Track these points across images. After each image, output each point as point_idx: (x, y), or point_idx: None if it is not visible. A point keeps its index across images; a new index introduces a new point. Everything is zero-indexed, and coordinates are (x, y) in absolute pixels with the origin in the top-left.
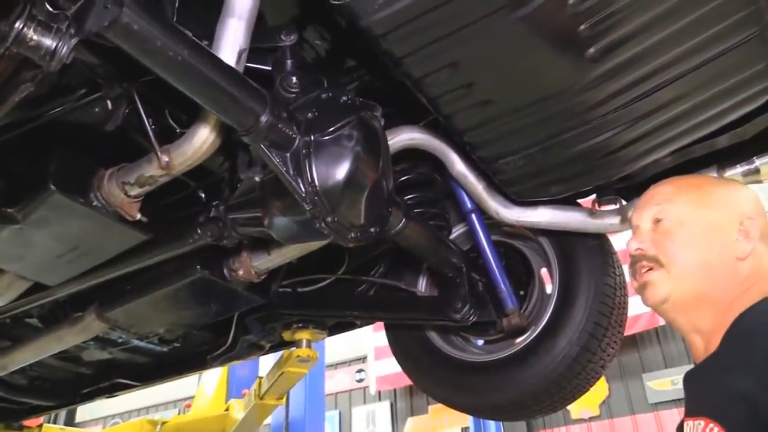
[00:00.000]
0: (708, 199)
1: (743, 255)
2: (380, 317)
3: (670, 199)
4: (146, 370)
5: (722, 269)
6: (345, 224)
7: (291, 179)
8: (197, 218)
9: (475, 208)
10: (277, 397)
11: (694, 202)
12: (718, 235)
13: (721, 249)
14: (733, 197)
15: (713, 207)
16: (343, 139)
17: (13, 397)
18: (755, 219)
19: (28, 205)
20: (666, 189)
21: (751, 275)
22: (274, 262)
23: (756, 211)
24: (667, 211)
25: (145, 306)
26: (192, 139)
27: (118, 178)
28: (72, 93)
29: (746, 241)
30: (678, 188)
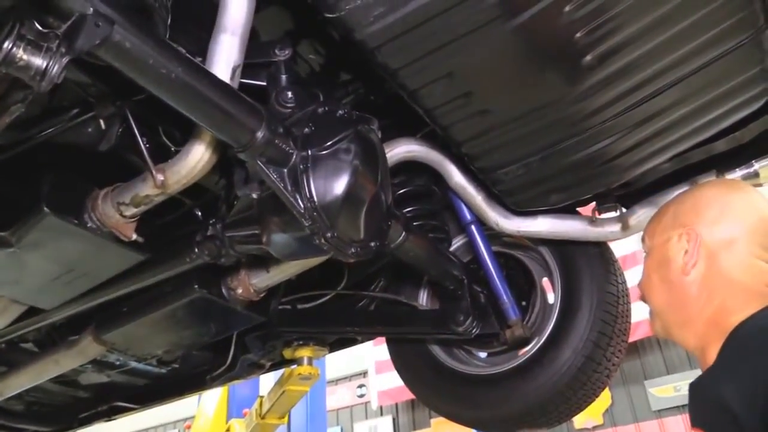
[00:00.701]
0: (659, 225)
1: (686, 270)
2: (381, 332)
3: (645, 232)
4: (145, 392)
5: (681, 292)
6: (345, 240)
7: (289, 195)
8: (194, 237)
9: (474, 220)
10: (279, 416)
11: (651, 233)
12: (667, 259)
13: (673, 272)
14: (680, 210)
15: (662, 232)
16: (341, 153)
17: (9, 424)
18: (692, 224)
19: (22, 227)
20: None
21: (704, 287)
22: (273, 279)
23: (700, 214)
24: (643, 246)
25: (143, 327)
26: (187, 157)
27: (112, 199)
28: (64, 113)
29: (690, 253)
30: (651, 219)
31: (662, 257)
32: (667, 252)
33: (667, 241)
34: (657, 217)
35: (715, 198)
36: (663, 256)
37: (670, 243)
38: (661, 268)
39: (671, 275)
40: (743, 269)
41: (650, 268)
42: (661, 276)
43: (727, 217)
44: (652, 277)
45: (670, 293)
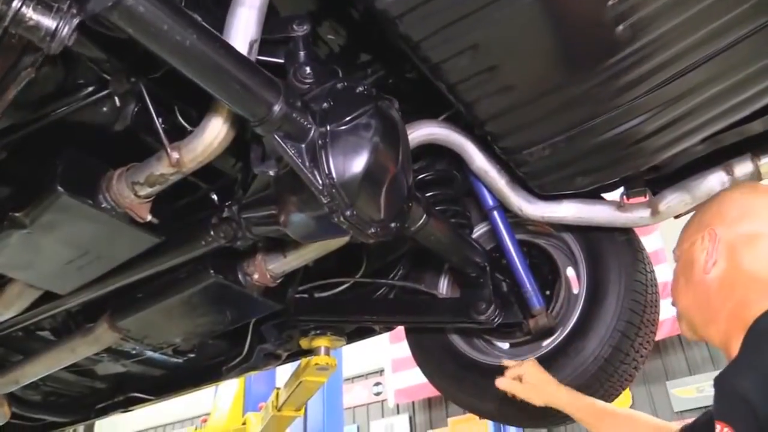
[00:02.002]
0: (686, 232)
1: (707, 269)
2: (400, 321)
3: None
4: (161, 383)
5: (703, 292)
6: (364, 218)
7: (307, 171)
8: (210, 220)
9: (497, 205)
10: (296, 409)
11: (680, 241)
12: (692, 260)
13: (696, 273)
14: (700, 214)
15: (689, 237)
16: (361, 129)
17: (27, 414)
18: (713, 224)
19: (36, 208)
20: None
21: (725, 283)
22: (290, 264)
23: (722, 216)
24: (675, 254)
25: (158, 314)
26: (203, 134)
27: (127, 178)
28: (78, 91)
29: (709, 252)
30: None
31: (688, 260)
32: (692, 254)
33: (692, 244)
34: (686, 225)
35: (737, 199)
36: (689, 259)
37: (695, 246)
38: (686, 270)
39: (694, 275)
40: (764, 265)
41: (678, 272)
42: (687, 278)
43: (748, 216)
44: (680, 280)
45: (695, 293)
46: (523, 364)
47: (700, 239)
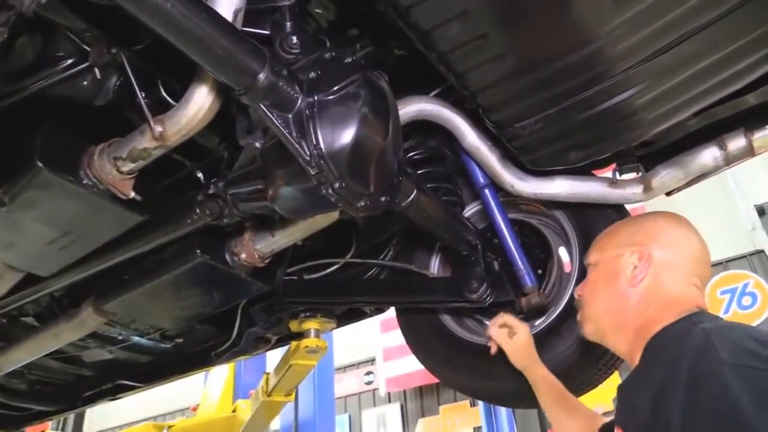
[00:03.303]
0: (611, 242)
1: (635, 282)
2: (391, 302)
3: (592, 247)
4: (149, 370)
5: (622, 301)
6: (353, 191)
7: (294, 142)
8: (195, 197)
9: (488, 183)
10: (286, 394)
11: (602, 248)
12: (617, 271)
13: (621, 283)
14: (636, 231)
15: (614, 248)
16: (349, 99)
17: (12, 403)
18: (648, 244)
19: (15, 185)
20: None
21: (644, 298)
22: (278, 243)
23: (654, 238)
24: (589, 259)
25: (144, 296)
26: (186, 106)
27: (109, 154)
28: (57, 63)
29: (639, 267)
30: (598, 237)
31: (611, 269)
32: (617, 265)
33: (619, 256)
34: (608, 236)
35: (669, 227)
36: (612, 268)
37: (622, 258)
38: (608, 278)
39: (618, 285)
40: (679, 289)
41: (596, 277)
42: (607, 285)
43: (675, 245)
44: (597, 285)
45: (612, 301)
46: (520, 325)
47: (628, 253)
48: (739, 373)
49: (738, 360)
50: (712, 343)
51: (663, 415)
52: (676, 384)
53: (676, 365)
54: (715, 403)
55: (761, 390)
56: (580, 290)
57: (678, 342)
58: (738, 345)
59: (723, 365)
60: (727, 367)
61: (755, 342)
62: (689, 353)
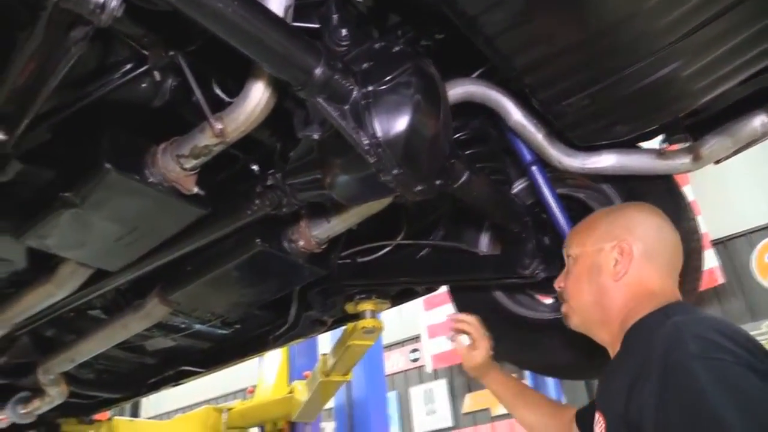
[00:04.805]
0: (591, 235)
1: (618, 276)
2: (444, 281)
3: (571, 240)
4: (210, 356)
5: (607, 295)
6: (410, 176)
7: (352, 132)
8: (254, 189)
9: (535, 160)
10: (343, 373)
11: (582, 241)
12: (599, 265)
13: (604, 277)
14: (613, 225)
15: (594, 242)
16: (402, 87)
17: (82, 391)
18: (629, 239)
19: (85, 186)
20: (573, 230)
21: (627, 292)
22: (334, 229)
23: (631, 231)
24: (569, 251)
25: (206, 286)
26: (244, 102)
27: (171, 152)
28: (118, 69)
29: (621, 262)
30: (576, 229)
31: (593, 263)
32: (599, 259)
33: (599, 250)
34: (587, 229)
35: (643, 219)
36: (594, 263)
37: (603, 252)
38: (591, 272)
39: (601, 279)
40: (657, 280)
41: (579, 271)
42: (590, 279)
43: (652, 236)
44: (581, 279)
45: (597, 295)
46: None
47: (609, 247)
48: (705, 365)
49: (705, 352)
50: (682, 336)
51: (636, 405)
52: (648, 375)
53: (648, 356)
54: (683, 394)
55: (726, 381)
56: (561, 282)
57: (651, 333)
58: (705, 338)
59: (691, 357)
60: (694, 360)
61: (721, 335)
62: (661, 345)
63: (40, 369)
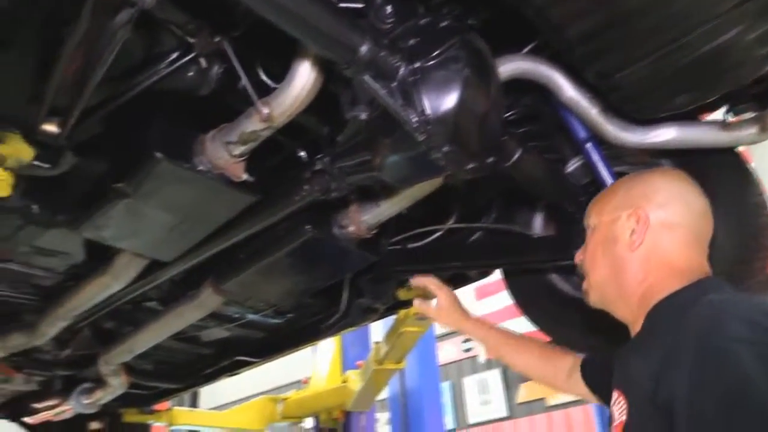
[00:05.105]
0: (608, 204)
1: (633, 247)
2: (497, 264)
3: (590, 209)
4: (263, 345)
5: (623, 268)
6: (462, 154)
7: (401, 110)
8: (303, 174)
9: (590, 136)
10: (396, 361)
11: (599, 211)
12: (615, 235)
13: (619, 248)
14: (631, 192)
15: (611, 211)
16: (450, 63)
17: (141, 382)
18: (647, 207)
19: (136, 177)
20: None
21: (644, 264)
22: (384, 213)
23: (650, 198)
24: (587, 221)
25: (258, 274)
26: (290, 86)
27: (220, 139)
28: (164, 58)
29: (637, 231)
30: (595, 198)
31: (609, 234)
32: (615, 229)
33: (615, 219)
34: (605, 198)
35: (665, 185)
36: (610, 233)
37: (619, 222)
38: (606, 243)
39: (617, 251)
40: (679, 253)
41: (595, 243)
42: (606, 251)
43: (673, 203)
44: (597, 251)
45: (613, 267)
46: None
47: (625, 216)
48: (753, 351)
49: (752, 337)
50: (722, 317)
51: (667, 389)
52: (682, 357)
53: (681, 337)
54: (723, 380)
55: None
56: (581, 255)
57: (683, 312)
58: (751, 320)
59: (735, 341)
60: (739, 344)
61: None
62: (696, 326)
63: (101, 360)
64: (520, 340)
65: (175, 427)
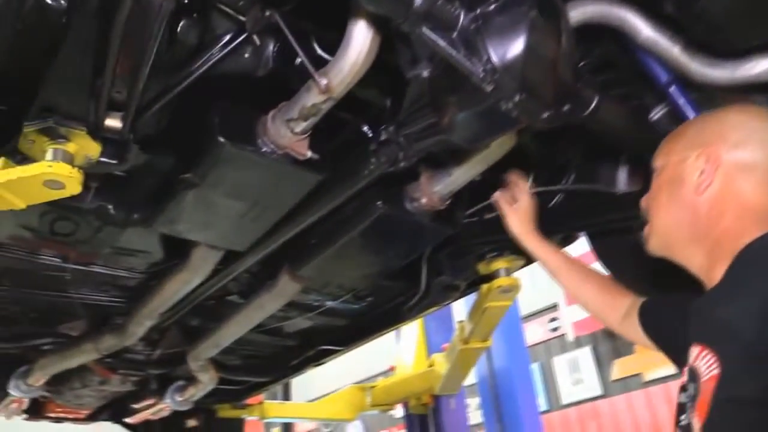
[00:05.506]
0: (677, 144)
1: (700, 189)
2: (580, 227)
3: (658, 150)
4: (347, 333)
5: (692, 212)
6: (534, 102)
7: (465, 61)
8: (368, 148)
9: (673, 78)
10: (483, 339)
11: (668, 151)
12: (682, 176)
13: (686, 190)
14: (703, 131)
15: (680, 151)
16: (514, 5)
17: (230, 377)
18: (718, 146)
19: (202, 164)
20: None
21: (716, 207)
22: (456, 182)
23: (724, 137)
24: (654, 163)
25: (333, 257)
26: (347, 51)
27: (281, 117)
28: (218, 41)
29: (706, 172)
30: (665, 139)
31: (675, 175)
32: (682, 171)
33: (683, 160)
34: (675, 137)
35: (741, 123)
36: (676, 175)
37: (687, 162)
38: (672, 186)
39: (683, 194)
40: (758, 195)
41: (660, 185)
42: (671, 194)
43: (750, 142)
44: (661, 194)
45: (679, 212)
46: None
47: (694, 156)
48: None
49: None
50: None
51: None
52: None
53: None
54: None
55: None
56: (645, 200)
57: None
58: None
59: None
60: None
61: None
62: None
63: (189, 357)
64: (583, 269)
65: (268, 419)
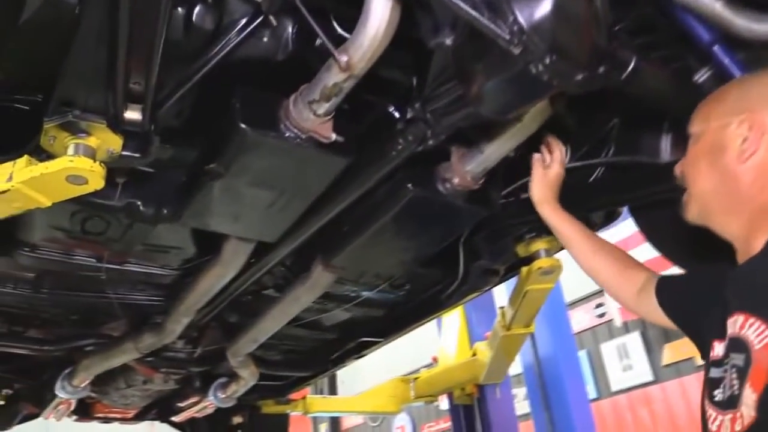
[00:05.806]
0: (717, 108)
1: (744, 157)
2: (623, 201)
3: (696, 115)
4: (386, 324)
5: (734, 180)
6: (566, 63)
7: (489, 24)
8: (395, 127)
9: (717, 37)
10: (525, 324)
11: (706, 116)
12: (724, 143)
13: (728, 158)
14: (746, 95)
15: (720, 116)
16: None
17: (272, 372)
18: (760, 110)
19: (226, 153)
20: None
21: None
22: (489, 159)
23: (764, 100)
24: (691, 128)
25: (366, 245)
26: (366, 25)
27: (302, 100)
28: (235, 25)
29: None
30: (702, 102)
31: (716, 142)
32: (723, 137)
33: (725, 126)
34: (714, 101)
35: None
36: (717, 142)
37: (729, 129)
38: (712, 153)
39: (725, 161)
40: None
41: (699, 152)
42: (711, 161)
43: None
44: (700, 161)
45: (720, 179)
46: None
47: (736, 123)
48: None
49: None
50: None
51: None
52: None
53: None
54: None
55: None
56: (681, 166)
57: None
58: None
59: None
60: None
61: None
62: None
63: (229, 353)
64: (598, 240)
65: (312, 414)
